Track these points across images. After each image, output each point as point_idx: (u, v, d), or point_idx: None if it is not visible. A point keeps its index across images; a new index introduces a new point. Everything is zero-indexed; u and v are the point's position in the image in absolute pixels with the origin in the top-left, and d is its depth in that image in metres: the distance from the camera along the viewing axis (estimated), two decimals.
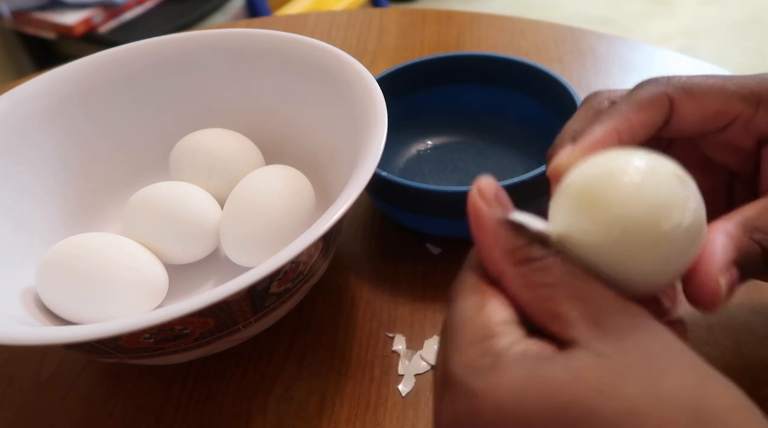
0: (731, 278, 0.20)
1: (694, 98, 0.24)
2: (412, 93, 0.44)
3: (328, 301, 0.37)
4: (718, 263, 0.20)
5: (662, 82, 0.24)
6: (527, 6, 1.99)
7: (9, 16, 1.32)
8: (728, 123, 0.25)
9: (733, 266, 0.20)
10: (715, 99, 0.24)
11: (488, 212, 0.20)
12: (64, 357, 0.35)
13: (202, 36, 0.41)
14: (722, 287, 0.20)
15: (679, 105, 0.24)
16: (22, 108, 0.37)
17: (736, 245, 0.21)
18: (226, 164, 0.38)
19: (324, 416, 0.31)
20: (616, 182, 0.18)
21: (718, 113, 0.24)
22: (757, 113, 0.24)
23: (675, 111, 0.24)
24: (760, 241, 0.21)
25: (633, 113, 0.24)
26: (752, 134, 0.25)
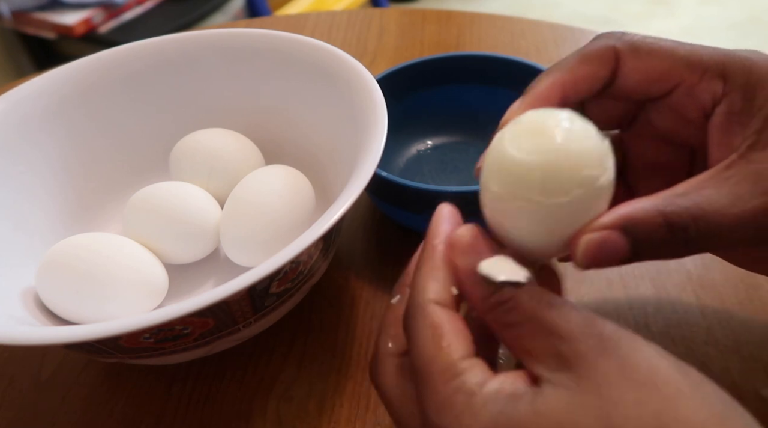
0: (604, 241, 0.20)
1: (641, 56, 0.24)
2: (412, 93, 0.44)
3: (328, 301, 0.37)
4: (599, 222, 0.20)
5: (615, 37, 0.24)
6: (527, 6, 1.99)
7: (9, 16, 1.32)
8: (672, 88, 0.24)
9: (614, 229, 0.20)
10: (661, 60, 0.24)
11: (463, 264, 0.21)
12: (64, 357, 0.35)
13: (202, 36, 0.41)
14: (580, 244, 0.20)
15: (625, 60, 0.24)
16: (22, 108, 0.37)
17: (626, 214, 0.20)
18: (226, 164, 0.38)
19: (324, 416, 0.31)
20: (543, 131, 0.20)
21: (662, 74, 0.24)
22: (700, 83, 0.23)
23: (620, 67, 0.24)
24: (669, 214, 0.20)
25: (578, 66, 0.24)
26: (696, 105, 0.24)
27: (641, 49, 0.24)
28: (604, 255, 0.20)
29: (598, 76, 0.24)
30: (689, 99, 0.24)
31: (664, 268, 0.36)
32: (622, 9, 1.92)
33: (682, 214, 0.20)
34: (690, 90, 0.24)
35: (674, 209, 0.21)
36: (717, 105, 0.23)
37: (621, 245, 0.20)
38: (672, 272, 0.36)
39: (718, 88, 0.23)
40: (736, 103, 0.23)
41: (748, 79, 0.23)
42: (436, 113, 0.45)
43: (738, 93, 0.23)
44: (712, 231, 0.21)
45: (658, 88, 0.24)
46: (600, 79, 0.24)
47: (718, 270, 0.36)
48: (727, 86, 0.23)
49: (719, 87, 0.23)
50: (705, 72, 0.23)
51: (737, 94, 0.23)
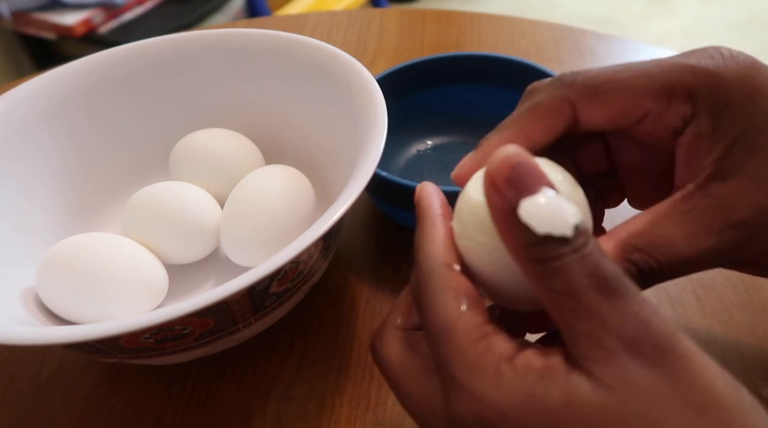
0: None
1: (597, 100, 0.22)
2: (412, 93, 0.44)
3: (328, 301, 0.37)
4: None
5: (566, 84, 0.23)
6: (527, 6, 1.99)
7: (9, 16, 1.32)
8: (639, 119, 0.23)
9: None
10: (622, 98, 0.22)
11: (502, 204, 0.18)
12: (64, 357, 0.35)
13: (202, 36, 0.41)
14: None
15: (582, 108, 0.23)
16: (22, 108, 0.37)
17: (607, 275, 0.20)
18: (226, 164, 0.38)
19: (324, 416, 0.31)
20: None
21: (625, 111, 0.23)
22: (668, 110, 0.22)
23: (579, 114, 0.23)
24: (636, 261, 0.21)
25: (530, 121, 0.23)
26: (666, 128, 0.23)
27: (597, 93, 0.22)
28: None
29: (554, 129, 0.23)
30: (657, 126, 0.23)
31: None
32: (622, 9, 1.92)
33: (648, 260, 0.21)
34: (657, 118, 0.23)
35: (639, 256, 0.21)
36: (687, 125, 0.22)
37: None
38: None
39: (687, 111, 0.22)
40: (704, 126, 0.22)
41: (716, 102, 0.22)
42: (436, 113, 0.45)
43: (706, 117, 0.22)
44: (675, 270, 0.21)
45: (624, 123, 0.23)
46: (555, 131, 0.23)
47: (718, 270, 0.35)
48: (696, 108, 0.22)
49: (688, 110, 0.22)
50: (672, 99, 0.22)
51: (705, 118, 0.22)
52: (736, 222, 0.21)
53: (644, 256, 0.21)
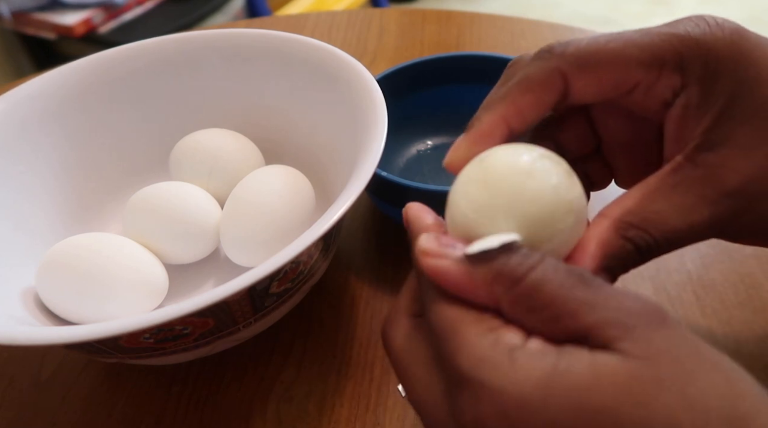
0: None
1: (589, 70, 0.22)
2: (412, 93, 0.44)
3: (328, 301, 0.37)
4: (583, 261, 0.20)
5: (557, 54, 0.22)
6: (527, 6, 1.99)
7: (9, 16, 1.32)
8: (630, 89, 0.23)
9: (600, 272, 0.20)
10: (613, 69, 0.22)
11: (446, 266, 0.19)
12: (64, 357, 0.35)
13: (202, 36, 0.41)
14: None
15: (574, 79, 0.22)
16: (21, 108, 0.37)
17: (604, 252, 0.20)
18: (226, 164, 0.38)
19: (324, 416, 0.31)
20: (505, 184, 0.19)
21: (616, 81, 0.22)
22: (659, 80, 0.22)
23: (570, 85, 0.22)
24: (632, 238, 0.21)
25: (521, 96, 0.22)
26: (656, 99, 0.23)
27: (589, 63, 0.22)
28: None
29: (546, 102, 0.23)
30: (648, 96, 0.23)
31: (664, 268, 0.36)
32: (622, 9, 1.92)
33: (644, 236, 0.21)
34: (648, 89, 0.22)
35: (635, 233, 0.21)
36: (677, 97, 0.22)
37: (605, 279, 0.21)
38: (672, 272, 0.36)
39: (677, 82, 0.22)
40: (693, 96, 0.22)
41: (705, 71, 0.21)
42: (436, 113, 0.45)
43: (696, 86, 0.22)
44: (672, 243, 0.21)
45: (615, 93, 0.23)
46: (547, 104, 0.23)
47: (718, 270, 0.36)
48: (686, 78, 0.22)
49: (678, 80, 0.22)
50: (662, 68, 0.22)
51: (695, 88, 0.22)
52: (727, 192, 0.21)
53: (640, 232, 0.21)
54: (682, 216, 0.21)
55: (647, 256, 0.21)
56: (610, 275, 0.21)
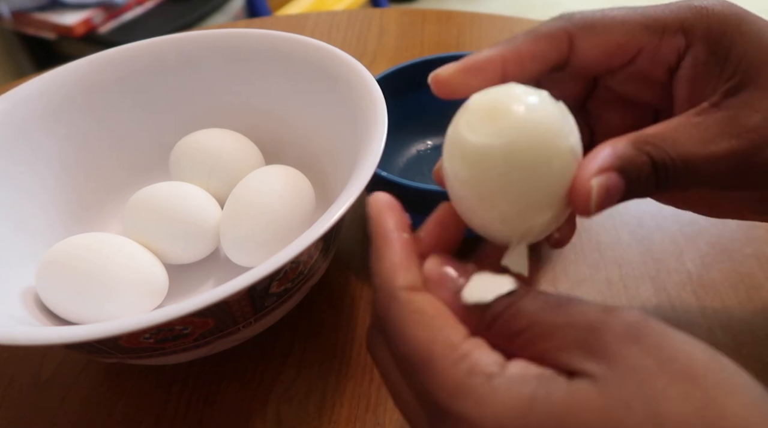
0: (609, 182, 0.19)
1: (595, 33, 0.23)
2: (412, 93, 0.44)
3: (328, 301, 0.37)
4: (593, 167, 0.20)
5: (565, 18, 0.23)
6: (527, 6, 1.99)
7: (9, 16, 1.32)
8: (634, 55, 0.24)
9: (611, 171, 0.20)
10: (617, 32, 0.23)
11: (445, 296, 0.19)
12: (64, 357, 0.35)
13: (202, 36, 0.41)
14: (593, 188, 0.19)
15: (579, 41, 0.23)
16: (22, 108, 0.37)
17: (617, 153, 0.20)
18: (226, 164, 0.38)
19: (324, 416, 0.31)
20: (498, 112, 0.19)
21: (621, 46, 0.23)
22: (662, 42, 0.23)
23: (575, 47, 0.23)
24: (649, 152, 0.21)
25: (525, 44, 0.23)
26: (661, 65, 0.24)
27: (595, 26, 0.23)
28: (610, 197, 0.20)
29: (546, 57, 0.23)
30: (653, 61, 0.24)
31: (664, 268, 0.36)
32: None
33: (660, 152, 0.21)
34: (653, 54, 0.23)
35: (652, 148, 0.21)
36: (682, 59, 0.23)
37: (620, 186, 0.20)
38: (672, 272, 0.36)
39: (681, 43, 0.23)
40: (700, 54, 0.23)
41: (709, 30, 0.22)
42: (436, 113, 0.45)
43: (701, 44, 0.23)
44: (689, 170, 0.21)
45: (619, 60, 0.24)
46: (548, 60, 0.23)
47: (718, 270, 0.36)
48: (690, 39, 0.23)
49: (682, 42, 0.23)
50: (665, 32, 0.23)
51: (701, 46, 0.23)
52: (748, 127, 0.21)
53: (656, 149, 0.21)
54: (701, 144, 0.21)
55: (664, 178, 0.21)
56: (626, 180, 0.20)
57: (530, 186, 0.19)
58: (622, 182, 0.20)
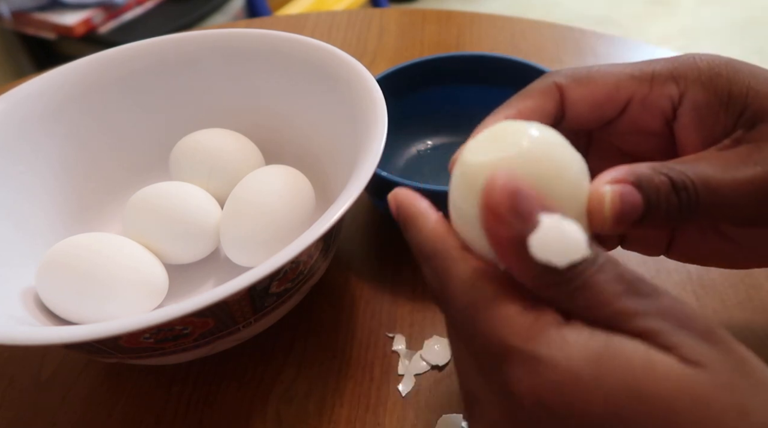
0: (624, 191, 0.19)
1: (583, 84, 0.24)
2: (412, 93, 0.44)
3: (328, 301, 0.37)
4: (607, 176, 0.19)
5: (553, 74, 0.24)
6: (527, 6, 1.99)
7: (9, 16, 1.32)
8: (625, 104, 0.24)
9: (627, 182, 0.19)
10: (606, 82, 0.24)
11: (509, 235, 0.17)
12: (64, 357, 0.35)
13: (202, 36, 0.41)
14: (606, 193, 0.19)
15: (569, 92, 0.24)
16: (22, 108, 0.37)
17: (633, 169, 0.20)
18: (226, 164, 0.38)
19: (324, 416, 0.31)
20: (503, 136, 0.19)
21: (610, 95, 0.24)
22: (652, 90, 0.23)
23: (566, 98, 0.24)
24: (666, 173, 0.20)
25: (523, 102, 0.24)
26: (654, 113, 0.24)
27: (583, 79, 0.24)
28: (626, 209, 0.19)
29: (544, 109, 0.24)
30: (646, 111, 0.24)
31: (664, 268, 0.36)
32: (622, 9, 1.92)
33: (682, 176, 0.20)
34: (644, 101, 0.24)
35: (669, 170, 0.20)
36: (678, 107, 0.23)
37: (638, 201, 0.19)
38: (672, 272, 0.36)
39: (673, 91, 0.23)
40: (699, 97, 0.23)
41: (701, 74, 0.23)
42: (436, 113, 0.45)
43: (697, 88, 0.23)
44: (711, 194, 0.20)
45: (611, 109, 0.24)
46: (546, 114, 0.24)
47: (718, 270, 0.36)
48: (682, 86, 0.23)
49: (674, 89, 0.23)
50: (654, 80, 0.23)
51: (697, 89, 0.23)
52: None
53: (675, 171, 0.20)
54: (723, 171, 0.21)
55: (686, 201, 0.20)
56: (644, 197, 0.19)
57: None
58: (640, 197, 0.19)
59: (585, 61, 0.55)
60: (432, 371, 0.32)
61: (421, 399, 0.31)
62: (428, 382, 0.32)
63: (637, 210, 0.19)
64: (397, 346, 0.34)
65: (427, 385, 0.32)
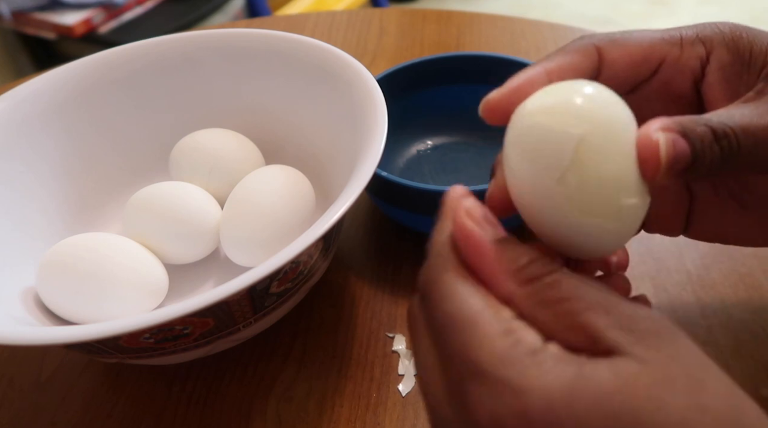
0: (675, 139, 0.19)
1: (620, 46, 0.25)
2: (412, 93, 0.44)
3: (328, 301, 0.37)
4: (655, 124, 0.20)
5: (588, 36, 0.25)
6: (527, 6, 1.99)
7: (9, 16, 1.32)
8: (658, 64, 0.25)
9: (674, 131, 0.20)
10: (640, 44, 0.25)
11: (483, 235, 0.19)
12: (64, 357, 0.35)
13: (202, 36, 0.41)
14: (660, 139, 0.19)
15: (606, 53, 0.25)
16: (22, 108, 0.37)
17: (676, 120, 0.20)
18: (226, 164, 0.38)
19: (324, 416, 0.31)
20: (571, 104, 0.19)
21: (645, 55, 0.25)
22: (683, 51, 0.25)
23: (603, 58, 0.25)
24: (706, 123, 0.20)
25: (561, 57, 0.24)
26: (685, 73, 0.25)
27: (619, 40, 0.25)
28: (678, 157, 0.19)
29: (582, 67, 0.24)
30: (677, 71, 0.25)
31: (664, 268, 0.36)
32: (622, 9, 1.92)
33: (721, 125, 0.20)
34: (676, 62, 0.25)
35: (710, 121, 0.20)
36: (705, 66, 0.25)
37: (686, 149, 0.20)
38: (672, 272, 0.36)
39: (701, 51, 0.25)
40: (724, 57, 0.25)
41: (724, 37, 0.25)
42: (436, 113, 0.45)
43: (721, 48, 0.25)
44: (750, 139, 0.21)
45: (645, 69, 0.25)
46: (585, 71, 0.24)
47: (718, 270, 0.36)
48: (709, 47, 0.25)
49: (701, 50, 0.25)
50: (683, 42, 0.25)
51: (722, 50, 0.25)
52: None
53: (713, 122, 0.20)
54: (757, 117, 0.21)
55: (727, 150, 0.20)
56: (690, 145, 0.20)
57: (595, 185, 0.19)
58: (687, 145, 0.20)
59: None
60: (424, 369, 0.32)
61: (421, 399, 0.31)
62: None
63: (686, 159, 0.20)
64: (397, 346, 0.34)
65: None
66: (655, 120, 0.20)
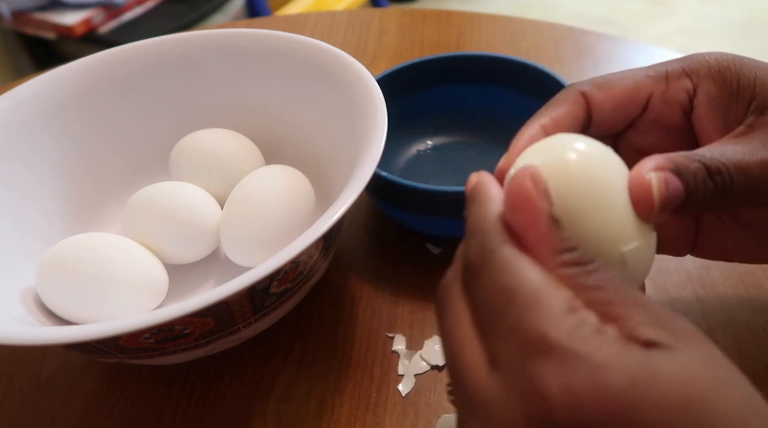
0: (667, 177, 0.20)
1: (605, 88, 0.26)
2: (412, 93, 0.44)
3: (328, 301, 0.37)
4: (647, 164, 0.20)
5: (576, 84, 0.26)
6: (527, 6, 1.99)
7: (9, 16, 1.32)
8: (645, 102, 0.26)
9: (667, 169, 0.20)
10: (624, 84, 0.26)
11: (541, 206, 0.18)
12: (64, 357, 0.35)
13: (202, 36, 0.41)
14: (652, 179, 0.20)
15: (593, 97, 0.26)
16: (22, 108, 0.37)
17: (669, 157, 0.21)
18: (226, 164, 0.38)
19: (324, 416, 0.31)
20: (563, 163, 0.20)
21: (629, 95, 0.26)
22: (669, 86, 0.25)
23: (591, 103, 0.26)
24: (699, 159, 0.21)
25: (554, 111, 0.25)
26: (674, 106, 0.26)
27: (604, 84, 0.26)
28: (670, 195, 0.20)
29: (573, 115, 0.25)
30: (666, 105, 0.26)
31: (664, 268, 0.36)
32: (622, 9, 1.92)
33: (715, 161, 0.21)
34: (662, 97, 0.26)
35: (703, 158, 0.21)
36: (693, 98, 0.25)
37: (679, 187, 0.20)
38: (672, 272, 0.36)
39: (687, 84, 0.25)
40: (711, 89, 0.25)
41: (710, 69, 0.25)
42: (436, 113, 0.45)
43: (708, 81, 0.25)
44: (743, 176, 0.21)
45: (633, 108, 0.26)
46: (576, 118, 0.25)
47: (718, 270, 0.36)
48: (695, 80, 0.25)
49: (688, 83, 0.25)
50: (669, 77, 0.26)
51: (708, 82, 0.25)
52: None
53: (706, 158, 0.21)
54: (749, 153, 0.22)
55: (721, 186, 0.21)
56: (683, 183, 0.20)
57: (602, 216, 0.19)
58: (680, 183, 0.20)
59: (585, 61, 0.55)
60: (432, 371, 0.32)
61: (421, 399, 0.31)
62: (428, 382, 0.32)
63: (680, 196, 0.20)
64: (397, 346, 0.34)
65: (427, 385, 0.32)
66: (647, 159, 0.21)
